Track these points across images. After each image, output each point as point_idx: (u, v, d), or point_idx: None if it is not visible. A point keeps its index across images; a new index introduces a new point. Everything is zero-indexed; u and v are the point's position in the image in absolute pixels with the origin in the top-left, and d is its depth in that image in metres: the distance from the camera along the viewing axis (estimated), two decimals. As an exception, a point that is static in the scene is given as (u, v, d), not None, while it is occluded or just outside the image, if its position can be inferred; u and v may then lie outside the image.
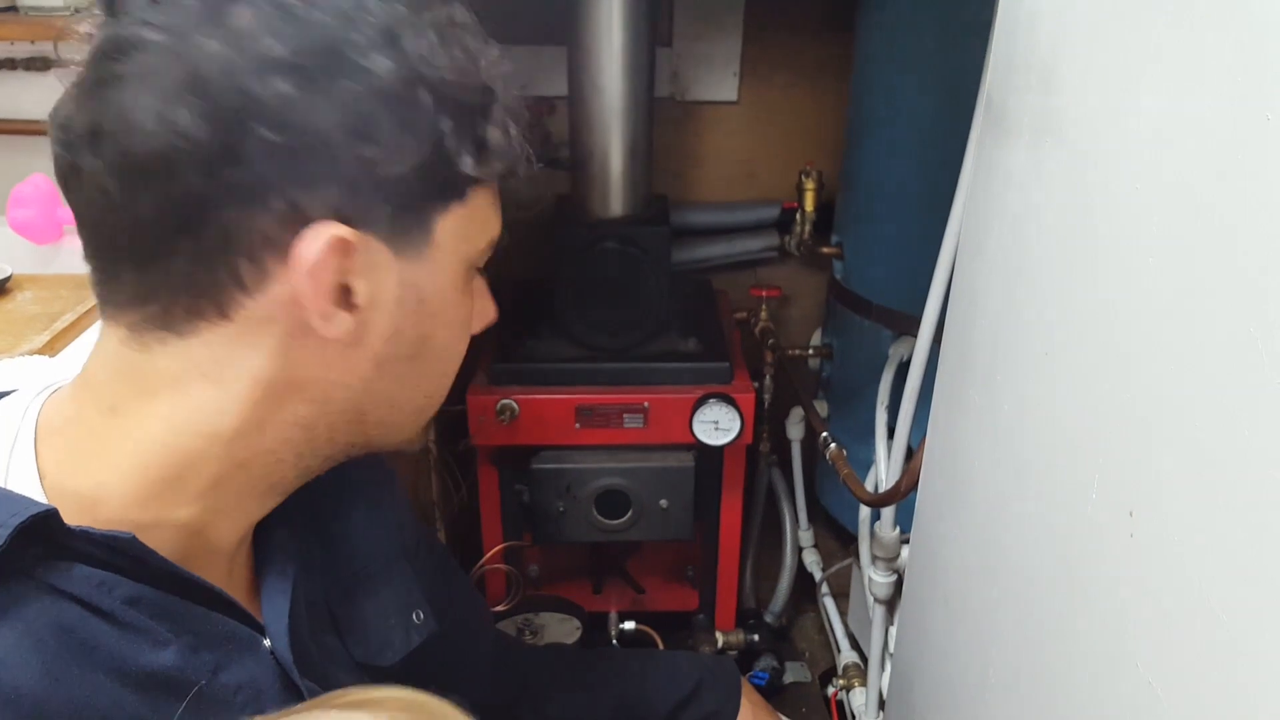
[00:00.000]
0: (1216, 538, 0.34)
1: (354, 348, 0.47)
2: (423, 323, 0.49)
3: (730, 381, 1.12)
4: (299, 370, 0.47)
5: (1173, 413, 0.37)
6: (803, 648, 1.52)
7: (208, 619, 0.47)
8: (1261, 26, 0.32)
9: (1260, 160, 0.32)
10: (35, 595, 0.41)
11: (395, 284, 0.47)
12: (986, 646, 0.59)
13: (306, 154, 0.42)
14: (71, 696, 0.40)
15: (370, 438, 0.52)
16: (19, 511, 0.40)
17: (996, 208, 0.56)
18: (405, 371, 0.50)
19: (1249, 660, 0.33)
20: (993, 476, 0.57)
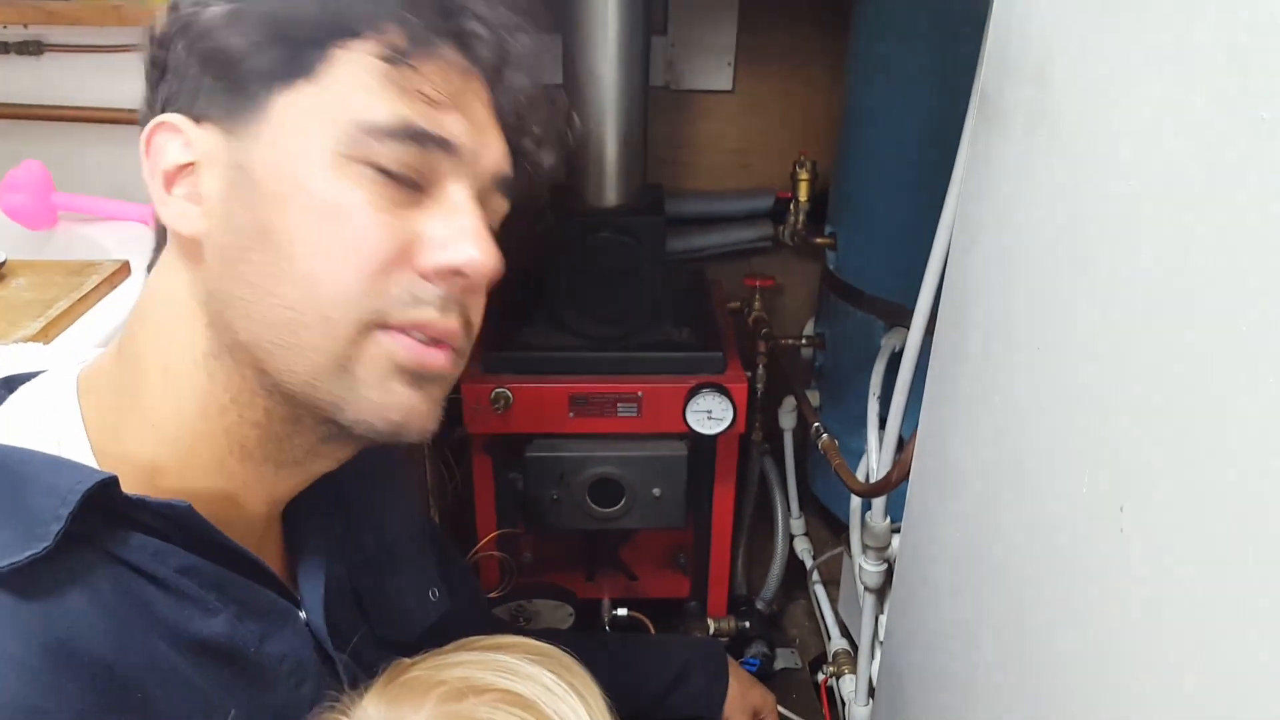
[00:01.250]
0: (1208, 534, 0.35)
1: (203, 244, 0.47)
2: (255, 207, 0.45)
3: (723, 371, 1.12)
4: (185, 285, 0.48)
5: (1165, 407, 0.37)
6: (793, 634, 1.54)
7: (251, 590, 0.48)
8: (1254, 22, 0.32)
9: (1252, 155, 0.32)
10: (101, 562, 0.42)
11: (224, 164, 0.47)
12: (976, 635, 0.60)
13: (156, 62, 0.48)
14: (136, 660, 0.41)
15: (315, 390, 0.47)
16: (83, 479, 0.41)
17: (990, 200, 0.57)
18: (250, 270, 0.46)
19: (1238, 656, 0.33)
20: (984, 468, 0.58)
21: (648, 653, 0.90)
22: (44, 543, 0.39)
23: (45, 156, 1.20)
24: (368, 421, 0.48)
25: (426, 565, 0.66)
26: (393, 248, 0.46)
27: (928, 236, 0.78)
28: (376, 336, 0.47)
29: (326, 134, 0.45)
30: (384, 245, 0.46)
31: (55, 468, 0.42)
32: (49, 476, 0.41)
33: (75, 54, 1.43)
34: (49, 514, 0.39)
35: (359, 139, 0.45)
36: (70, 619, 0.39)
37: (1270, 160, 0.31)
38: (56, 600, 0.39)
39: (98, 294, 0.94)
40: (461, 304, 0.50)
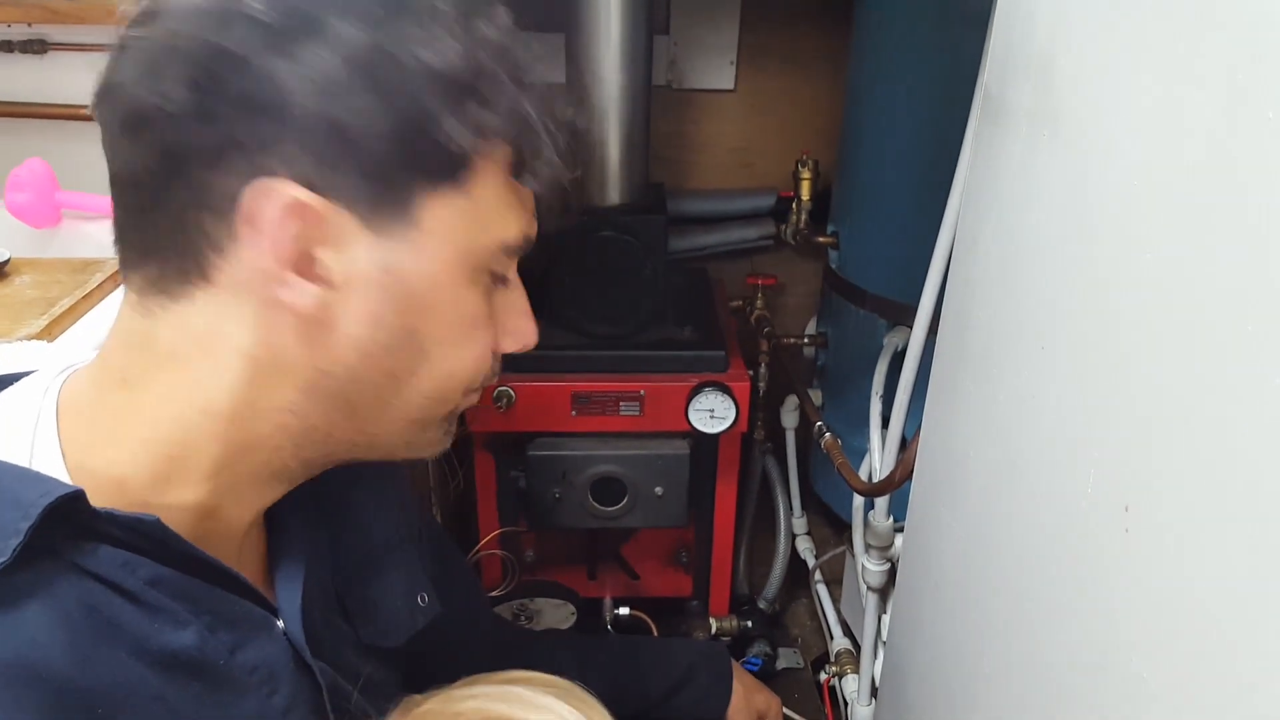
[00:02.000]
0: (1213, 534, 0.35)
1: (330, 329, 0.46)
2: (409, 314, 0.47)
3: (726, 370, 1.12)
4: (281, 348, 0.46)
5: (1170, 407, 0.37)
6: (796, 634, 1.54)
7: (224, 600, 0.48)
8: (1259, 19, 0.32)
9: (1258, 154, 0.32)
10: (63, 574, 0.41)
11: (370, 263, 0.46)
12: (980, 636, 0.59)
13: (271, 114, 0.42)
14: (98, 675, 0.41)
15: (373, 439, 0.51)
16: (48, 492, 0.40)
17: (993, 199, 0.57)
18: (393, 365, 0.49)
19: (1242, 655, 0.33)
20: (988, 468, 0.58)
21: (651, 655, 0.90)
22: (2, 557, 0.38)
23: (49, 154, 1.20)
24: (410, 457, 0.54)
25: (415, 569, 0.65)
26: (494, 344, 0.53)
27: (930, 235, 0.78)
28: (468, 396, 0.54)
29: (474, 249, 0.48)
30: (489, 348, 0.52)
31: (22, 479, 0.42)
32: (15, 489, 0.41)
33: (79, 52, 1.43)
34: (9, 528, 0.39)
35: (498, 256, 0.50)
36: (28, 634, 0.39)
37: (1273, 158, 0.31)
38: (14, 615, 0.39)
39: (101, 292, 0.94)
40: None
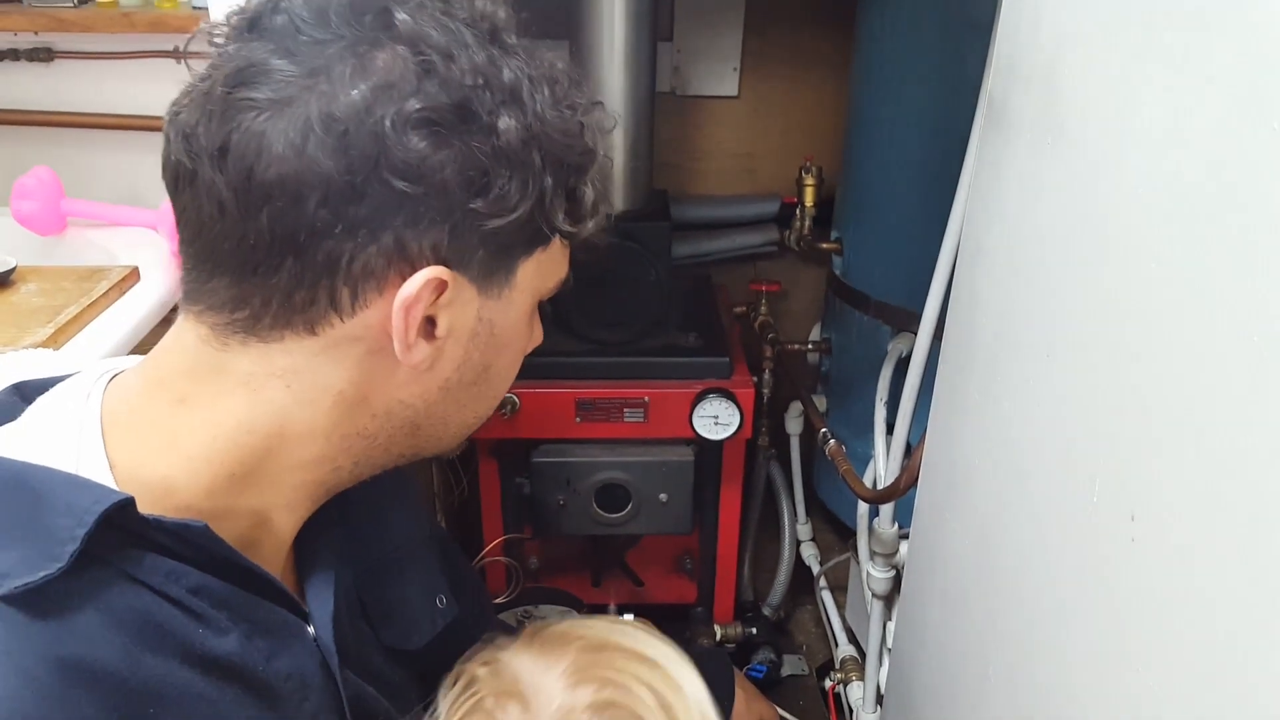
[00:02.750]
0: (1219, 543, 0.35)
1: (427, 373, 0.50)
2: (489, 353, 0.52)
3: (730, 376, 1.12)
4: (371, 388, 0.49)
5: (1176, 415, 0.37)
6: (800, 641, 1.53)
7: (261, 608, 0.49)
8: (1264, 30, 0.32)
9: (1262, 164, 0.32)
10: (114, 580, 0.43)
11: (473, 318, 0.50)
12: (986, 644, 0.59)
13: (424, 201, 0.44)
14: (149, 677, 0.42)
15: (419, 449, 0.55)
16: (100, 499, 0.41)
17: (997, 207, 0.57)
18: (464, 395, 0.53)
19: (1248, 664, 0.33)
20: (993, 476, 0.58)
21: None
22: (59, 563, 0.40)
23: (55, 162, 1.21)
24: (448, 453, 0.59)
25: (433, 571, 0.67)
26: None
27: (934, 241, 0.78)
28: None
29: (538, 293, 0.53)
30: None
31: (74, 487, 0.43)
32: (67, 495, 0.42)
33: (85, 60, 1.43)
34: (65, 534, 0.40)
35: (549, 294, 0.54)
36: (83, 636, 0.40)
37: (1276, 167, 0.31)
38: (70, 618, 0.40)
39: (107, 300, 0.95)
40: None
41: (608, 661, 0.53)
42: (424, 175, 0.44)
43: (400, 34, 0.44)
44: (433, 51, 0.44)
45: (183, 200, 0.46)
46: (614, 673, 0.53)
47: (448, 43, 0.44)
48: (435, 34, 0.44)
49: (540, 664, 0.53)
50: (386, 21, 0.44)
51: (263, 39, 0.44)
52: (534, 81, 0.47)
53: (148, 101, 1.44)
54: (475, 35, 0.46)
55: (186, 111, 0.45)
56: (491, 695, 0.52)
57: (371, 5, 0.44)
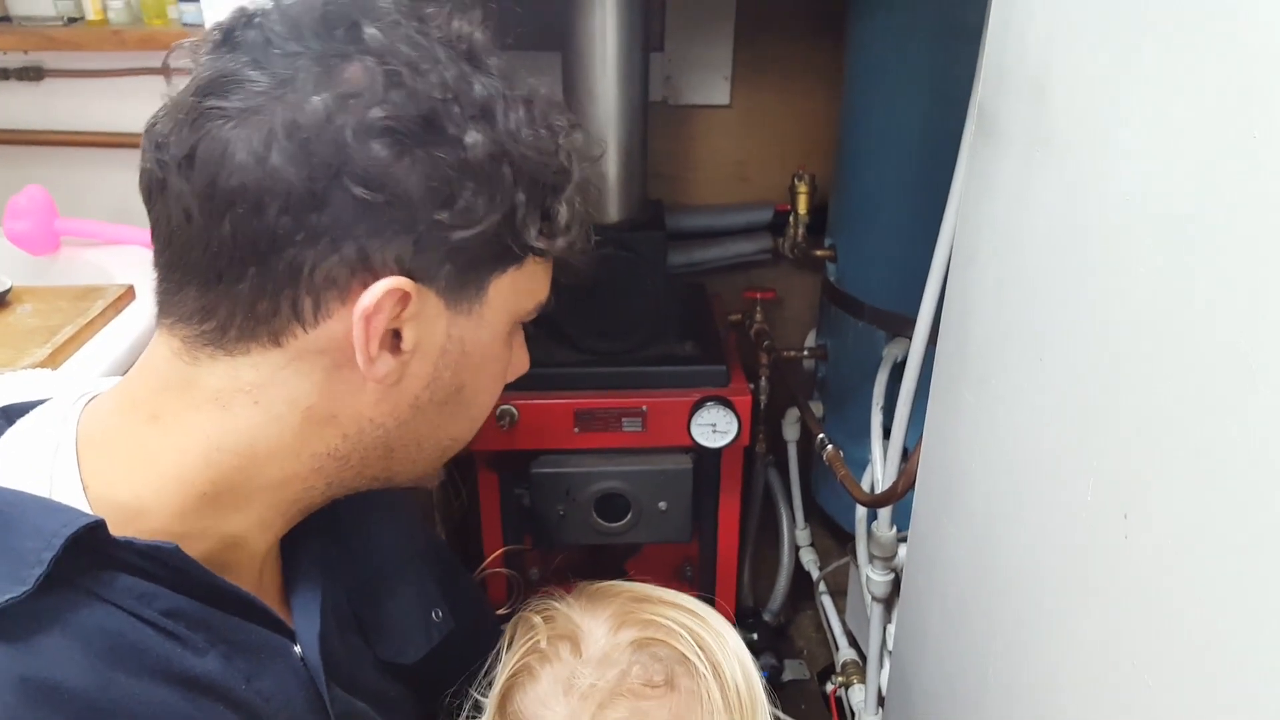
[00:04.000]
0: (1211, 541, 0.35)
1: (393, 389, 0.49)
2: (461, 373, 0.51)
3: (727, 384, 1.13)
4: (338, 403, 0.49)
5: (1166, 417, 0.38)
6: (801, 645, 1.54)
7: (241, 629, 0.49)
8: (1244, 46, 0.33)
9: (1245, 172, 0.33)
10: (83, 602, 0.42)
11: (442, 335, 0.49)
12: (986, 645, 0.60)
13: (387, 210, 0.44)
14: (120, 695, 0.42)
15: (394, 473, 0.54)
16: (69, 522, 0.41)
17: (988, 215, 0.58)
18: (437, 415, 0.52)
19: (1241, 659, 0.34)
20: (989, 478, 0.58)
21: None
22: (23, 587, 0.40)
23: (46, 181, 1.20)
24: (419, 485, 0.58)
25: (427, 586, 0.67)
26: None
27: (927, 247, 0.79)
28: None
29: (518, 313, 0.52)
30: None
31: (43, 510, 0.43)
32: (36, 519, 0.42)
33: (75, 79, 1.44)
34: (33, 557, 0.40)
35: (528, 316, 0.54)
36: (48, 657, 0.40)
37: (1262, 177, 0.32)
38: (35, 640, 0.40)
39: (103, 319, 0.95)
40: None
41: (650, 609, 0.59)
42: (385, 184, 0.43)
43: (370, 47, 0.44)
44: (401, 64, 0.44)
45: (155, 210, 0.46)
46: (656, 617, 0.58)
47: (418, 57, 0.45)
48: (406, 49, 0.45)
49: (589, 611, 0.60)
50: (356, 35, 0.44)
51: (236, 51, 0.44)
52: (508, 100, 0.47)
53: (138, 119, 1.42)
54: (448, 53, 0.46)
55: (161, 122, 0.45)
56: (546, 637, 0.58)
57: (343, 20, 0.45)
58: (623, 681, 0.55)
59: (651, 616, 0.58)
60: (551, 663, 0.57)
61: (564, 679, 0.56)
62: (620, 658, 0.56)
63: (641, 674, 0.55)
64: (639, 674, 0.55)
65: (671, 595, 0.61)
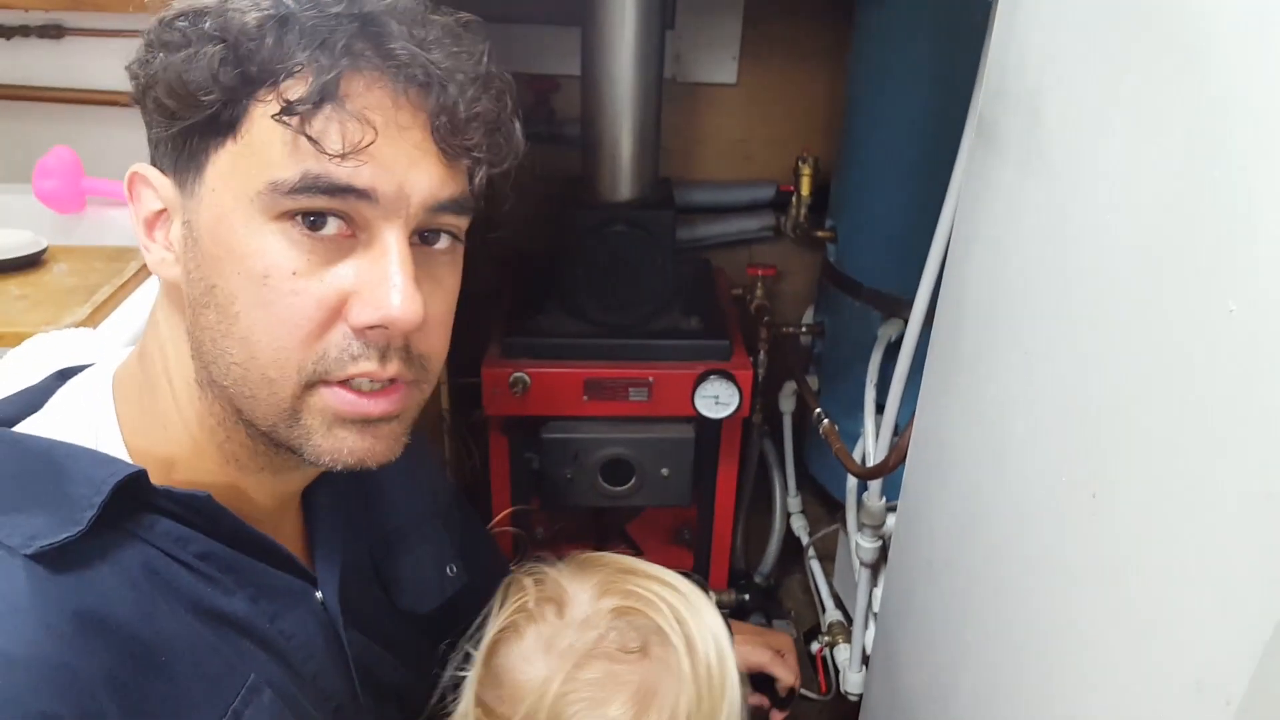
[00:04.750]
0: (1166, 518, 0.41)
1: (179, 291, 0.50)
2: (204, 266, 0.47)
3: (730, 358, 1.17)
4: (167, 315, 0.51)
5: (1132, 409, 0.43)
6: (789, 606, 1.61)
7: (267, 573, 0.53)
8: (1220, 82, 0.37)
9: (1208, 196, 0.37)
10: (128, 542, 0.47)
11: (180, 222, 0.49)
12: (966, 607, 0.65)
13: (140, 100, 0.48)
14: (160, 627, 0.46)
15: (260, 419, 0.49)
16: (115, 472, 0.46)
17: (984, 216, 0.62)
18: (215, 324, 0.48)
19: (1189, 617, 0.39)
20: (975, 456, 0.63)
21: None
22: (78, 527, 0.44)
23: (67, 139, 1.23)
24: (326, 461, 0.50)
25: (443, 542, 0.71)
26: (322, 311, 0.47)
27: (923, 233, 0.84)
28: (319, 391, 0.48)
29: (248, 194, 0.46)
30: (312, 310, 0.46)
31: (93, 461, 0.47)
32: (87, 468, 0.46)
33: (95, 38, 1.45)
34: (85, 502, 0.44)
35: (274, 199, 0.45)
36: (99, 591, 0.44)
37: (1230, 192, 0.37)
38: (88, 575, 0.44)
39: (137, 280, 0.98)
40: (404, 346, 0.49)
41: (634, 580, 0.61)
42: (136, 77, 0.47)
43: None
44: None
45: None
46: (637, 588, 0.60)
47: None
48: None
49: (577, 578, 0.62)
50: None
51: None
52: None
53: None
54: None
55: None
56: (534, 599, 0.61)
57: None
58: (599, 644, 0.57)
59: (634, 588, 0.60)
60: (537, 622, 0.60)
61: (546, 638, 0.59)
62: (600, 622, 0.59)
63: (618, 639, 0.58)
64: (615, 639, 0.58)
65: (657, 570, 0.64)
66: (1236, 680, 0.35)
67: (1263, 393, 0.34)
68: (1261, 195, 0.34)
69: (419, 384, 0.52)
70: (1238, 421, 0.36)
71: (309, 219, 0.46)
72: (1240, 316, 0.35)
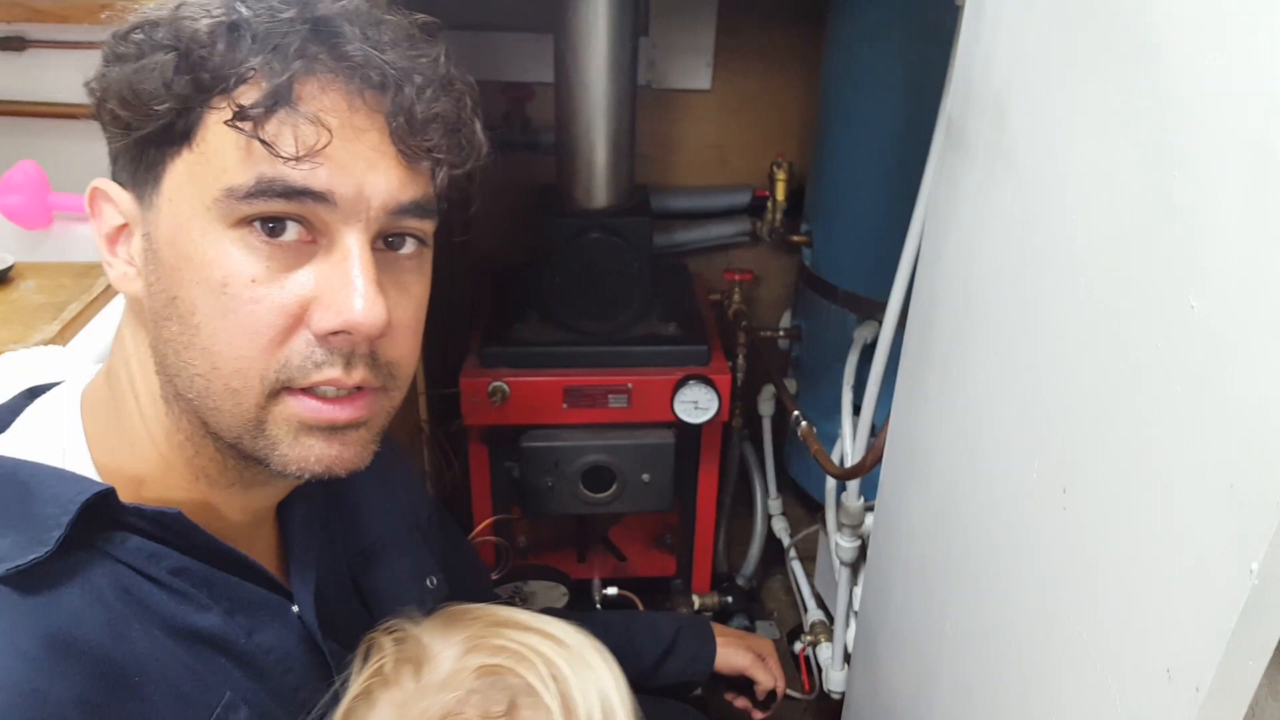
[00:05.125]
0: (1133, 512, 0.42)
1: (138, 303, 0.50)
2: (165, 278, 0.47)
3: (709, 363, 1.18)
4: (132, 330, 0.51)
5: (1100, 407, 0.44)
6: (772, 608, 1.62)
7: (241, 588, 0.52)
8: (1179, 84, 0.38)
9: (1175, 195, 0.38)
10: (98, 562, 0.46)
11: (140, 235, 0.48)
12: (943, 602, 0.66)
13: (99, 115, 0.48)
14: (132, 648, 0.45)
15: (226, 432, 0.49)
16: (83, 490, 0.45)
17: (954, 218, 0.63)
18: (178, 337, 0.47)
19: (1156, 609, 0.40)
20: (949, 455, 0.65)
21: (641, 626, 0.97)
22: (45, 547, 0.43)
23: (28, 152, 1.21)
24: (294, 470, 0.49)
25: (422, 555, 0.70)
26: (283, 319, 0.46)
27: (897, 236, 0.85)
28: (284, 399, 0.48)
29: (204, 203, 0.45)
30: (273, 317, 0.46)
31: (59, 480, 0.46)
32: (54, 488, 0.45)
33: (59, 50, 1.43)
34: (52, 521, 0.43)
35: (230, 205, 0.45)
36: (69, 612, 0.43)
37: (1189, 192, 0.38)
38: (56, 597, 0.43)
39: (106, 296, 0.97)
40: (370, 353, 0.49)
41: (507, 634, 0.54)
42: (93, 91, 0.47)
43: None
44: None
45: None
46: (510, 643, 0.53)
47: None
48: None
49: (441, 635, 0.54)
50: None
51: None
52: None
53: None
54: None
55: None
56: (391, 660, 0.53)
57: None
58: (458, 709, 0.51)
59: (505, 642, 0.54)
60: (391, 687, 0.53)
61: (399, 704, 0.52)
62: (461, 683, 0.52)
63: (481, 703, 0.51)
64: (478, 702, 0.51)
65: (540, 622, 0.56)
66: (1204, 668, 0.36)
67: (1223, 387, 0.35)
68: (1218, 195, 0.35)
69: (387, 391, 0.51)
70: (1200, 416, 0.37)
71: (267, 225, 0.46)
72: (1201, 313, 0.36)
